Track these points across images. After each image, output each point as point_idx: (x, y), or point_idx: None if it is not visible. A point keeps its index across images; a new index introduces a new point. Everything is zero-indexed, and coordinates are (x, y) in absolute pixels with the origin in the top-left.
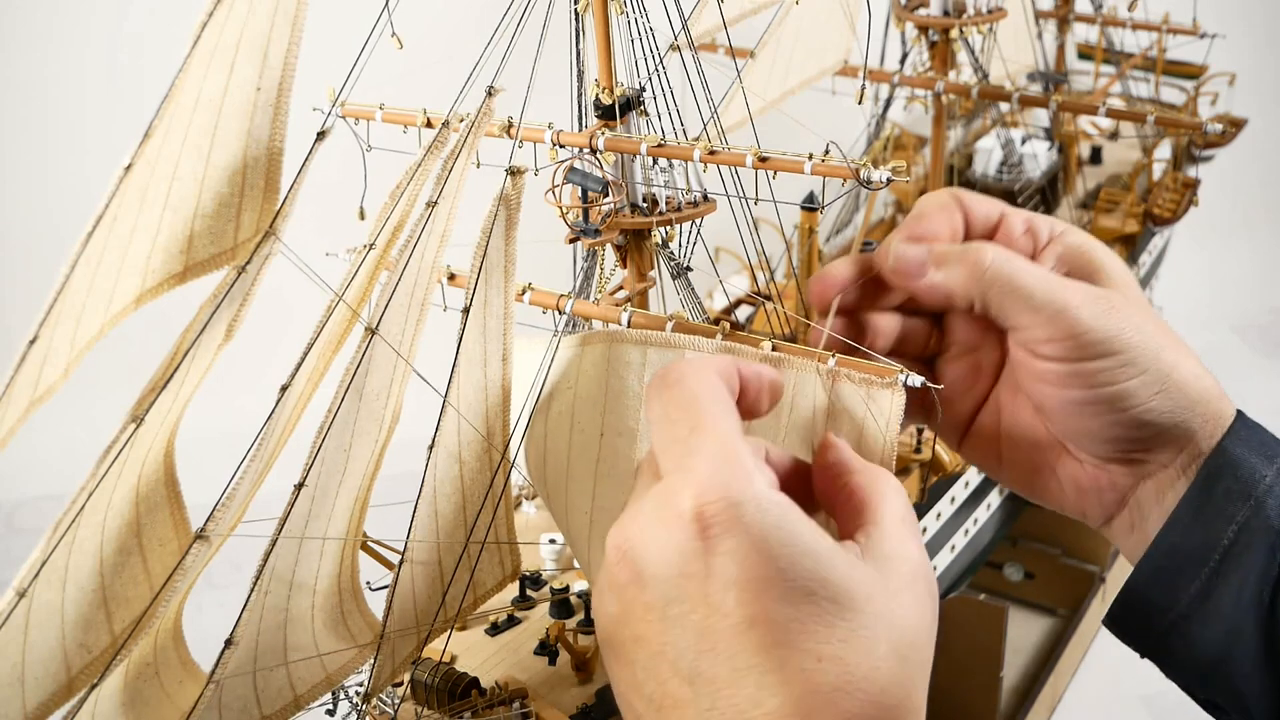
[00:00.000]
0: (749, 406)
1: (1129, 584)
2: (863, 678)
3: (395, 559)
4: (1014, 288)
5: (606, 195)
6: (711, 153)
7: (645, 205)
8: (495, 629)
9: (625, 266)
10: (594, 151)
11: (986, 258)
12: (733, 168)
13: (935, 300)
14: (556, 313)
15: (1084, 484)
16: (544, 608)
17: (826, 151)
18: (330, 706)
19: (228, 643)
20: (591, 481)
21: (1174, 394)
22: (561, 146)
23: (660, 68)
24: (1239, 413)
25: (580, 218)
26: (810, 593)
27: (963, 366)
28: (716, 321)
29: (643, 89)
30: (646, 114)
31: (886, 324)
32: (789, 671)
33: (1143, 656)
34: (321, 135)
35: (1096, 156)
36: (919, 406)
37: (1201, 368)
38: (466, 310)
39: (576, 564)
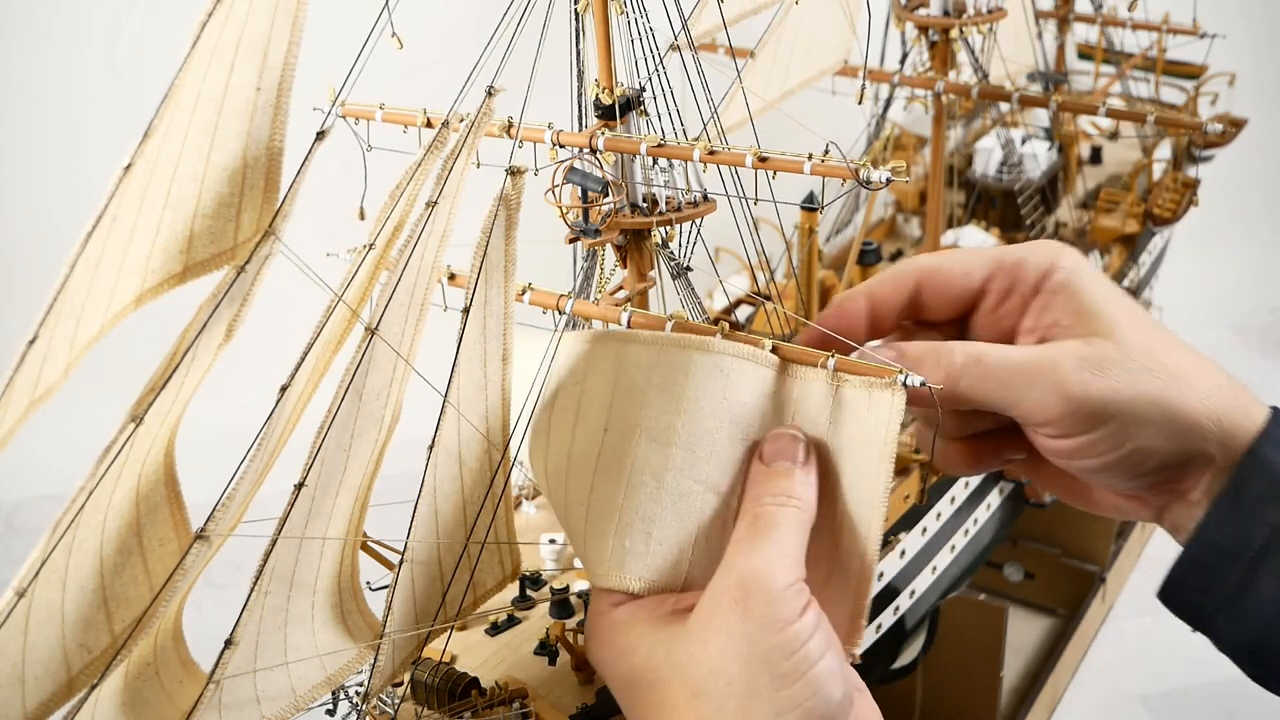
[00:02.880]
0: None
1: (1174, 569)
2: None
3: (395, 559)
4: (988, 389)
5: (606, 195)
6: (711, 153)
7: (645, 205)
8: (495, 629)
9: (625, 266)
10: (594, 151)
11: (956, 361)
12: (733, 168)
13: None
14: (556, 313)
15: (1121, 506)
16: (544, 608)
17: (826, 151)
18: (330, 706)
19: (228, 643)
20: (590, 476)
21: (1184, 431)
22: (561, 146)
23: (660, 68)
24: (1274, 413)
25: (580, 218)
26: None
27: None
28: (716, 321)
29: (643, 89)
30: (646, 114)
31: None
32: None
33: (1194, 630)
34: (321, 135)
35: (1096, 156)
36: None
37: (1216, 381)
38: (466, 310)
39: (577, 563)
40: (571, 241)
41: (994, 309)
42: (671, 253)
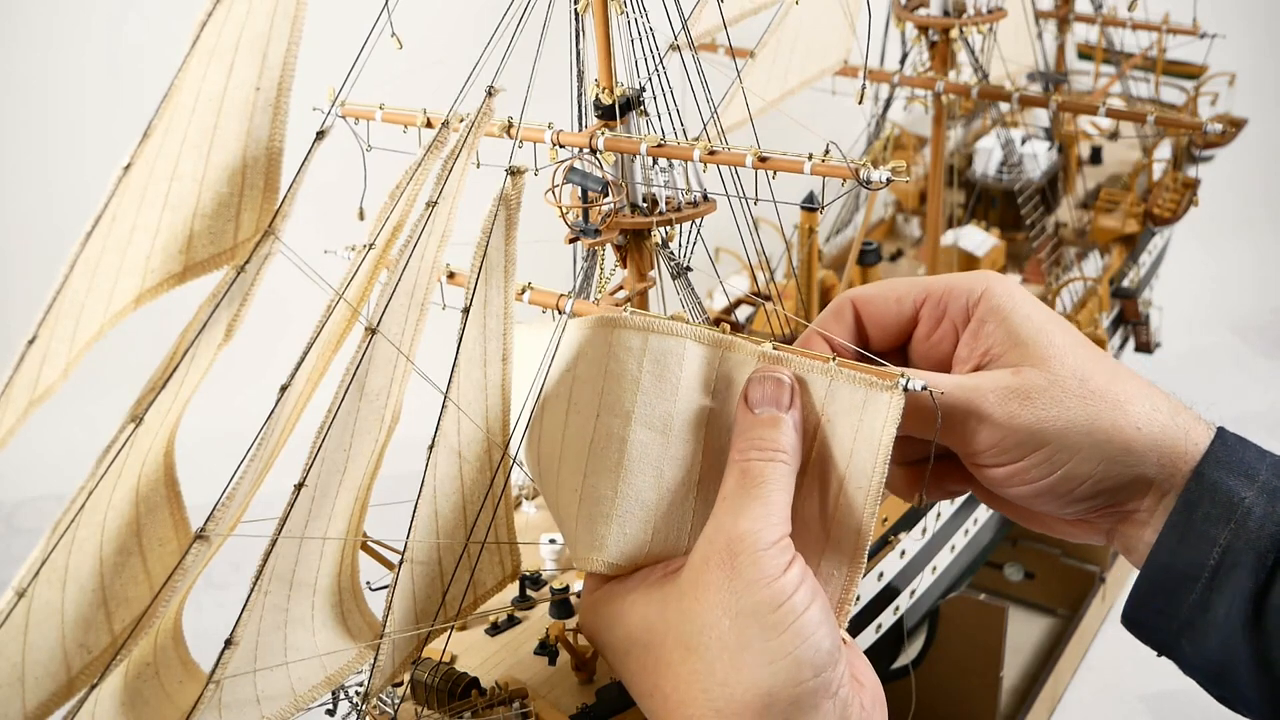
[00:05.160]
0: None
1: (1133, 593)
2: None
3: (395, 559)
4: (918, 417)
5: (606, 195)
6: (711, 153)
7: (645, 205)
8: (495, 629)
9: (625, 266)
10: (594, 151)
11: None
12: (733, 168)
13: None
14: (556, 312)
15: (1069, 529)
16: (544, 608)
17: (826, 151)
18: (330, 706)
19: (228, 643)
20: (583, 462)
21: (1117, 456)
22: (561, 146)
23: (660, 68)
24: (1219, 433)
25: (580, 218)
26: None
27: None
28: (717, 322)
29: (643, 89)
30: (646, 114)
31: None
32: None
33: (1159, 655)
34: (321, 135)
35: (1096, 156)
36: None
37: (1154, 404)
38: (466, 310)
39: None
40: (571, 241)
41: (927, 336)
42: (671, 253)
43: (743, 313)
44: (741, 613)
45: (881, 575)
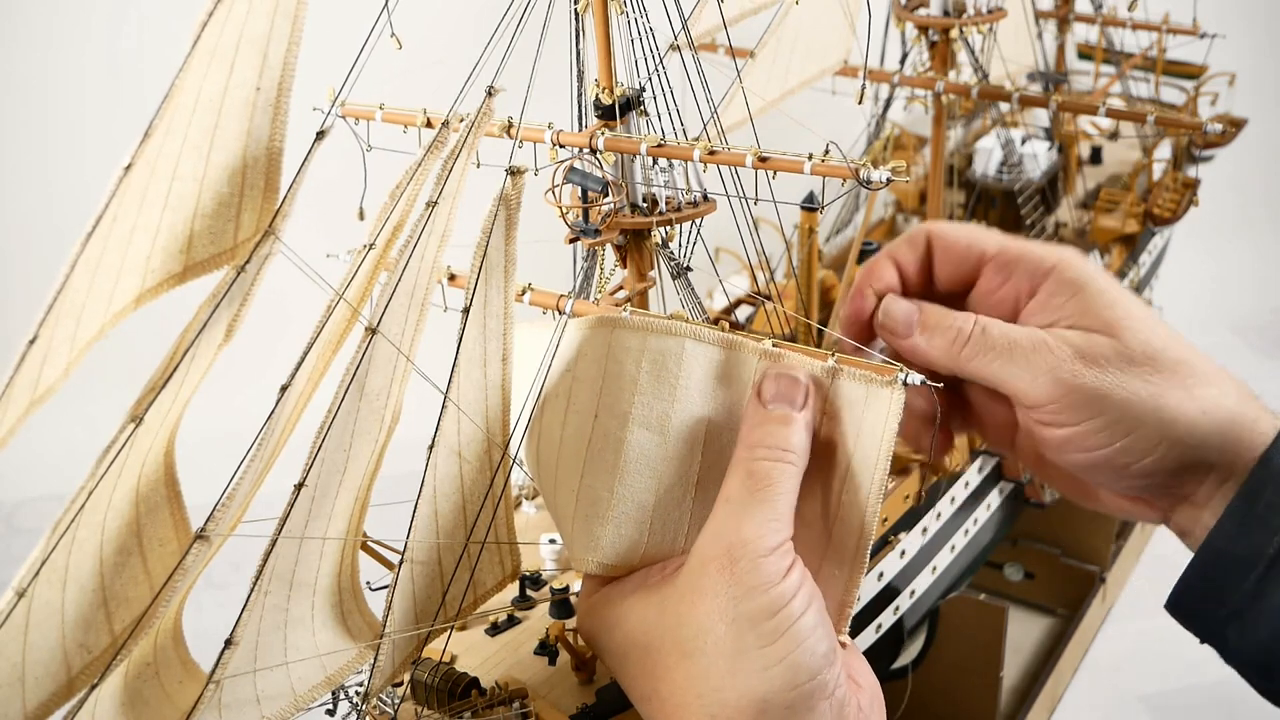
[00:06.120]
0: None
1: (1184, 577)
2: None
3: (395, 559)
4: (987, 360)
5: (606, 195)
6: (711, 153)
7: (645, 205)
8: (495, 629)
9: (625, 266)
10: (594, 151)
11: (965, 326)
12: (733, 168)
13: (919, 363)
14: (556, 313)
15: (1125, 506)
16: (544, 608)
17: (826, 151)
18: (330, 706)
19: (228, 643)
20: (581, 463)
21: (1179, 438)
22: (561, 146)
23: (660, 68)
24: None
25: (580, 218)
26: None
27: (991, 406)
28: (716, 321)
29: (643, 89)
30: (646, 114)
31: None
32: None
33: (1202, 642)
34: (321, 135)
35: (1096, 156)
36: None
37: (1223, 389)
38: (466, 310)
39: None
40: (571, 241)
41: (991, 290)
42: (671, 253)
43: (743, 313)
44: (738, 618)
45: (881, 575)
